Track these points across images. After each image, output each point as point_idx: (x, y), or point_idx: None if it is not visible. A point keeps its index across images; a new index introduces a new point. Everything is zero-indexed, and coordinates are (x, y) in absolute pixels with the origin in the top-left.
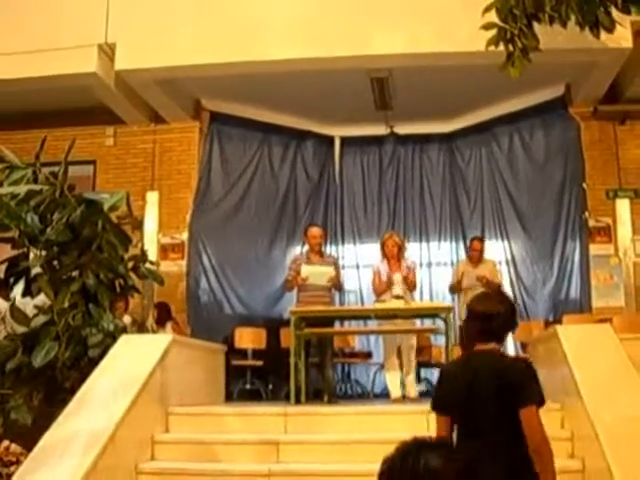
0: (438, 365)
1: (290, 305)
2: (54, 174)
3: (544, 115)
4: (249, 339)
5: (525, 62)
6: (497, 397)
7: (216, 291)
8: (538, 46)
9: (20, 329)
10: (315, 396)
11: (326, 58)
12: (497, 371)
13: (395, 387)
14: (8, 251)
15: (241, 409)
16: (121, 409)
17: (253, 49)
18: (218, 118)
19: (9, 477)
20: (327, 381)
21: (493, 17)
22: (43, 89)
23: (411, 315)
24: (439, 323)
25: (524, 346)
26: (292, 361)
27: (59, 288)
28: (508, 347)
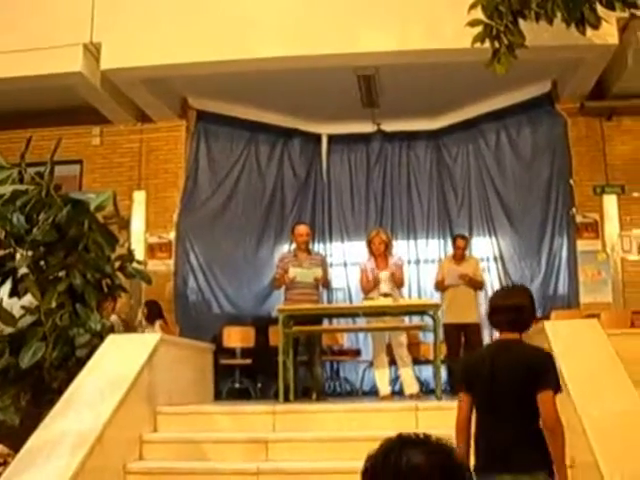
0: (427, 362)
1: (278, 303)
2: (40, 174)
3: (531, 112)
4: (237, 338)
5: (511, 59)
6: (521, 381)
7: (204, 290)
8: (524, 43)
9: (7, 330)
10: (304, 394)
11: (313, 56)
12: (524, 358)
13: (384, 384)
14: None
15: (230, 408)
16: (109, 409)
17: (240, 47)
18: (205, 117)
19: None
20: (316, 379)
21: (479, 14)
22: (28, 88)
23: (399, 312)
24: (427, 320)
25: None
26: (280, 359)
27: (46, 288)
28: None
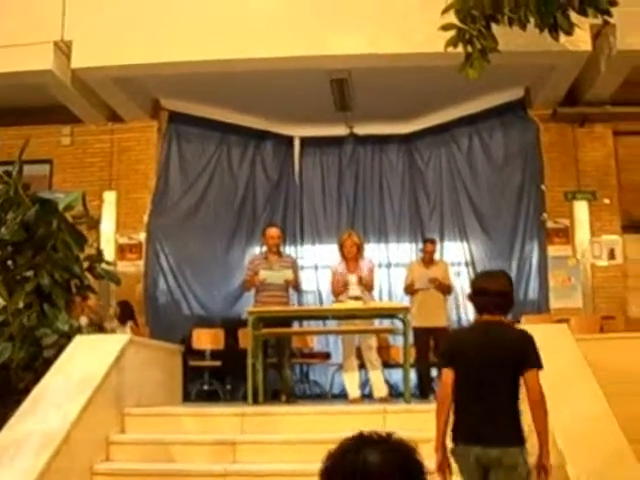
0: (397, 365)
1: (248, 305)
2: (8, 173)
3: (504, 117)
4: (207, 340)
5: (484, 63)
6: (508, 360)
7: (174, 292)
8: (497, 47)
9: None
10: (273, 397)
11: (286, 58)
12: (510, 339)
13: (353, 387)
14: None
15: (198, 409)
16: (75, 410)
17: (212, 48)
18: (177, 118)
19: None
20: (285, 381)
21: (452, 18)
22: None
23: (369, 315)
24: (397, 323)
25: None
26: (249, 362)
27: (13, 288)
28: None
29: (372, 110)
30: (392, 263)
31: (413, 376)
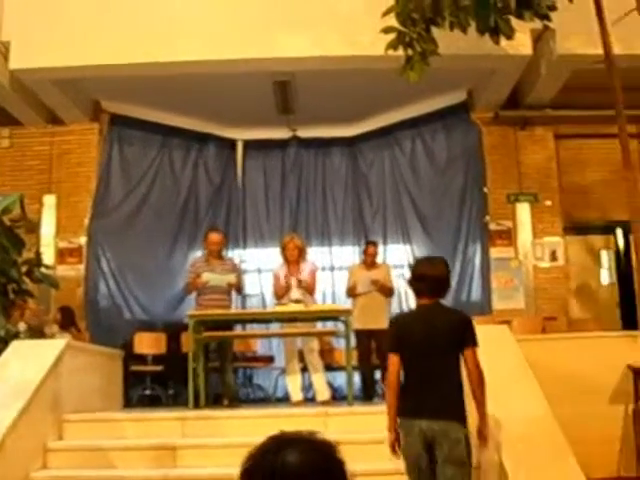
0: (340, 368)
1: (191, 309)
2: None
3: (446, 120)
4: (148, 344)
5: (425, 66)
6: (449, 339)
7: (115, 296)
8: (436, 50)
9: None
10: (216, 401)
11: (228, 60)
12: (448, 319)
13: (295, 391)
14: None
15: (138, 414)
16: (10, 417)
17: (154, 50)
18: (118, 120)
19: None
20: (227, 385)
21: (393, 21)
22: None
23: (311, 318)
24: (340, 326)
25: None
26: (190, 366)
27: None
28: None
29: (316, 113)
30: (335, 266)
31: (357, 379)
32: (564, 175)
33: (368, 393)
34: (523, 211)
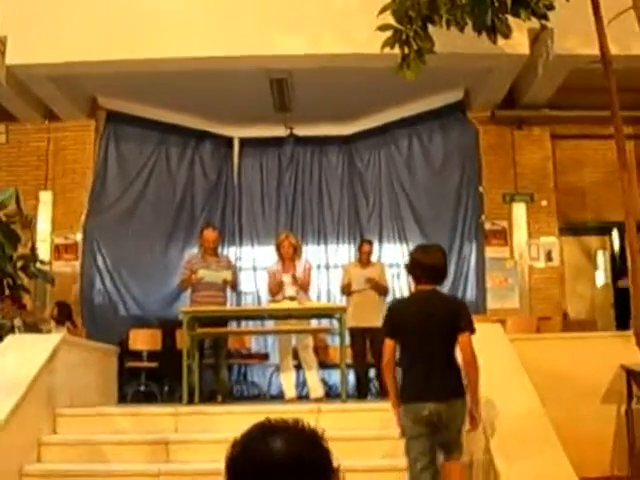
0: (335, 366)
1: (186, 305)
2: None
3: (443, 119)
4: (144, 340)
5: (423, 66)
6: (445, 324)
7: (111, 292)
8: (433, 49)
9: None
10: (211, 397)
11: (225, 57)
12: (446, 305)
13: (289, 388)
14: None
15: (131, 409)
16: (5, 411)
17: (151, 47)
18: (115, 117)
19: None
20: (221, 382)
21: (390, 19)
22: None
23: (305, 315)
24: (334, 323)
25: None
26: (184, 362)
27: None
28: None
29: (312, 111)
30: (331, 264)
31: (352, 377)
32: (560, 175)
33: (362, 391)
34: (519, 211)
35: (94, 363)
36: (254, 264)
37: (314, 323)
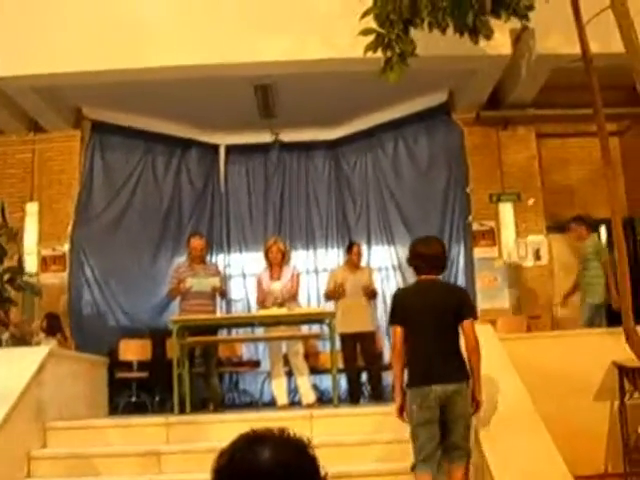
0: (326, 371)
1: (175, 315)
2: None
3: (428, 121)
4: (134, 351)
5: (406, 68)
6: (449, 312)
7: (99, 303)
8: (415, 51)
9: None
10: (202, 406)
11: (208, 65)
12: (449, 294)
13: (281, 394)
14: None
15: (122, 421)
16: None
17: (134, 56)
18: (100, 127)
19: None
20: (212, 390)
21: (372, 23)
22: None
23: (295, 321)
24: (324, 329)
25: None
26: (175, 371)
27: None
28: None
29: (297, 116)
30: (319, 269)
31: (343, 382)
32: (546, 174)
33: (354, 396)
34: (506, 211)
35: (83, 375)
36: (243, 271)
37: (304, 329)
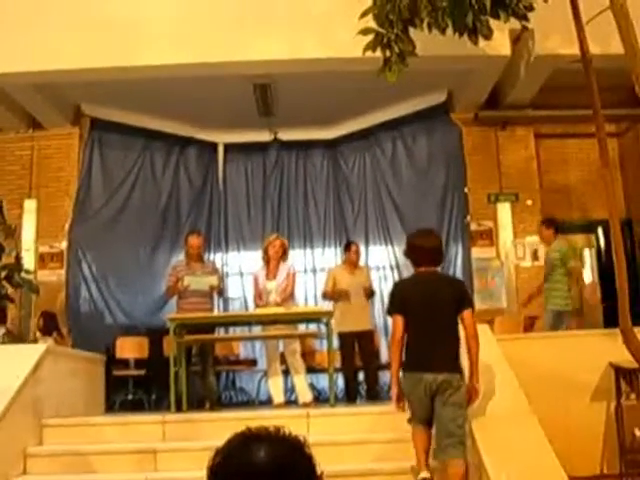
0: (323, 370)
1: (173, 313)
2: None
3: (427, 121)
4: (131, 349)
5: (405, 68)
6: (448, 302)
7: (97, 301)
8: (414, 51)
9: None
10: (199, 405)
11: (207, 63)
12: (447, 285)
13: (277, 393)
14: None
15: (118, 418)
16: None
17: (134, 54)
18: (99, 124)
19: None
20: (209, 388)
21: (371, 22)
22: None
23: (292, 320)
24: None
25: None
26: (172, 369)
27: None
28: None
29: (296, 115)
30: (317, 268)
31: (341, 381)
32: (545, 175)
33: (351, 395)
34: (504, 211)
35: (80, 372)
36: (241, 269)
37: (301, 328)
